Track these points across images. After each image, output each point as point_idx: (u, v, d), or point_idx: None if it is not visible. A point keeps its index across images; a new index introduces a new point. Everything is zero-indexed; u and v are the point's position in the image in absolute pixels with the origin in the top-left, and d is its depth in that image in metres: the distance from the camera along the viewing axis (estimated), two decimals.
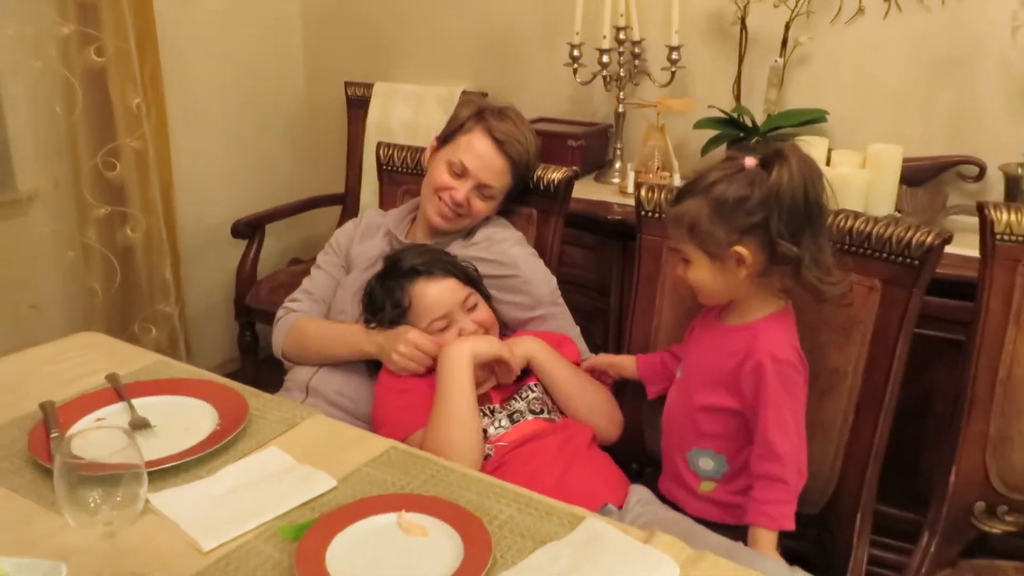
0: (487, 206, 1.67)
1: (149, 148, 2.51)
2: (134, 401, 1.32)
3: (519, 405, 1.45)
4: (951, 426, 1.48)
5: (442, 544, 1.01)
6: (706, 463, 1.33)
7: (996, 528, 1.45)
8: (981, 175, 2.05)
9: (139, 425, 1.26)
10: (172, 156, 2.67)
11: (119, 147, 2.46)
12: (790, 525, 1.23)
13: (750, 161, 1.22)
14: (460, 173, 1.63)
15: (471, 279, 1.55)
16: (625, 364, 1.54)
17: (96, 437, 0.92)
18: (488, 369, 1.46)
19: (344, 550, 0.99)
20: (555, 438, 1.39)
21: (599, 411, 1.50)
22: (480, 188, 1.64)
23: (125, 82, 2.43)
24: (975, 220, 1.85)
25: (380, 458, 1.20)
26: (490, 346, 1.43)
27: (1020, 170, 1.91)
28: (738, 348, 1.28)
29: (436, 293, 1.49)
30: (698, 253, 1.26)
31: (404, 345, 1.47)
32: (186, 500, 1.09)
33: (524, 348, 1.48)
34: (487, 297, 1.57)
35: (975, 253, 1.52)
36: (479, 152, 1.63)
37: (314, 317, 1.69)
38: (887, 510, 1.68)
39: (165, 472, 1.15)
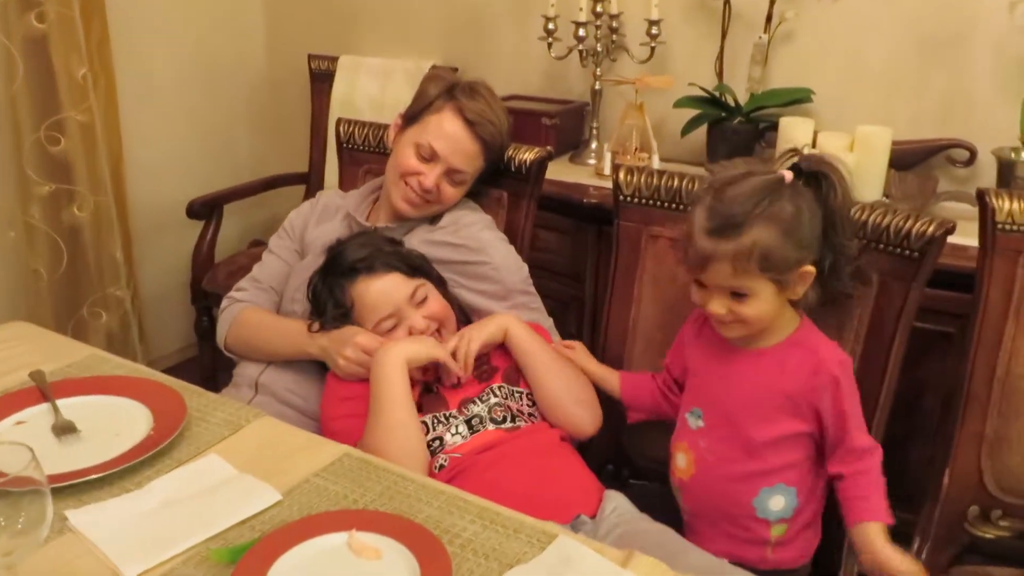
0: (457, 191, 1.56)
1: (96, 121, 2.36)
2: (60, 402, 1.19)
3: (478, 409, 1.32)
4: (944, 425, 1.41)
5: (397, 568, 0.90)
6: (777, 502, 1.20)
7: (989, 533, 1.39)
8: (972, 159, 1.97)
9: (64, 429, 1.14)
10: (122, 130, 2.51)
11: (64, 120, 2.31)
12: (891, 519, 1.16)
13: (789, 175, 1.14)
14: (429, 157, 1.51)
15: (417, 269, 1.42)
16: (606, 379, 1.42)
17: None
18: (431, 373, 1.35)
19: None
20: (517, 444, 1.28)
21: (577, 397, 1.36)
22: (450, 173, 1.52)
23: (69, 51, 2.28)
24: (966, 207, 1.80)
25: (331, 467, 1.09)
26: (425, 348, 1.31)
27: (1014, 155, 1.83)
28: (797, 368, 1.18)
29: (379, 291, 1.38)
30: (765, 285, 1.13)
31: (351, 350, 1.35)
32: (110, 518, 0.97)
33: (499, 322, 1.37)
34: (440, 282, 1.45)
35: (967, 241, 1.44)
36: (449, 134, 1.51)
37: (260, 308, 1.57)
38: None
39: (89, 485, 1.03)
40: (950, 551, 1.40)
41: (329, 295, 1.40)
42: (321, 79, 2.79)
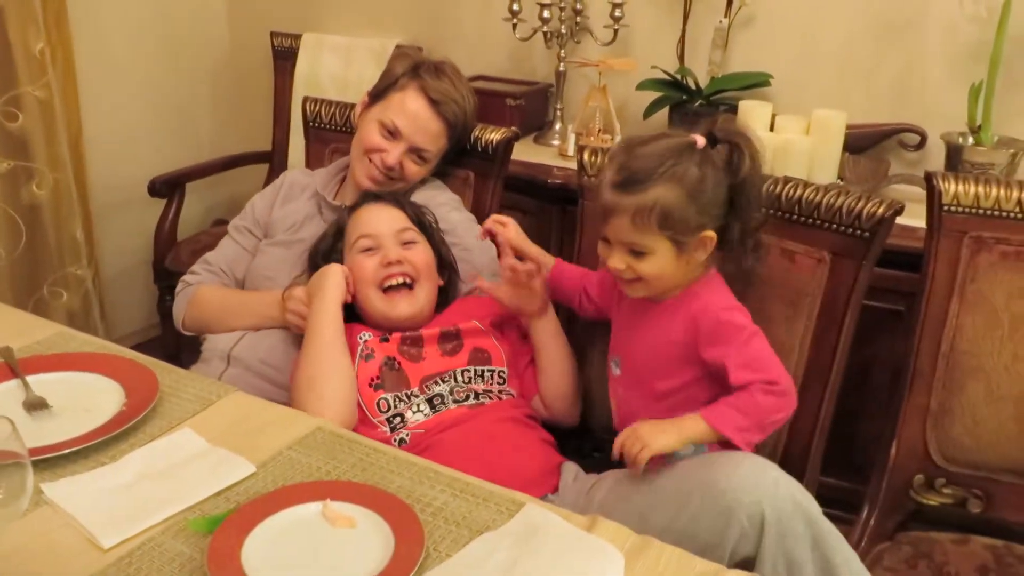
0: (421, 169, 1.58)
1: (55, 98, 2.33)
2: (30, 378, 1.20)
3: (440, 389, 1.34)
4: (892, 399, 1.47)
5: (370, 536, 0.93)
6: (686, 447, 1.21)
7: (933, 500, 1.45)
8: (922, 143, 2.04)
9: (35, 405, 1.15)
10: (81, 107, 2.48)
11: (21, 96, 2.27)
12: (729, 432, 1.14)
13: (700, 140, 1.16)
14: (392, 135, 1.53)
15: (423, 225, 1.46)
16: (544, 263, 1.43)
17: None
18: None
19: (262, 545, 0.91)
20: (481, 421, 1.30)
21: (572, 373, 1.42)
22: (413, 151, 1.54)
23: (26, 24, 2.24)
24: (916, 189, 1.86)
25: (305, 440, 1.12)
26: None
27: (961, 140, 1.89)
28: (684, 318, 1.21)
29: (373, 212, 1.43)
30: (663, 243, 1.15)
31: (292, 301, 1.40)
32: (85, 491, 0.99)
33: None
34: (441, 253, 1.47)
35: (916, 223, 1.50)
36: (413, 113, 1.53)
37: (214, 285, 1.59)
38: (824, 479, 1.67)
39: (63, 459, 1.04)
40: (896, 518, 1.46)
41: (333, 227, 1.46)
42: (284, 57, 2.77)
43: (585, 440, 1.54)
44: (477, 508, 0.99)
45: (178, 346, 2.57)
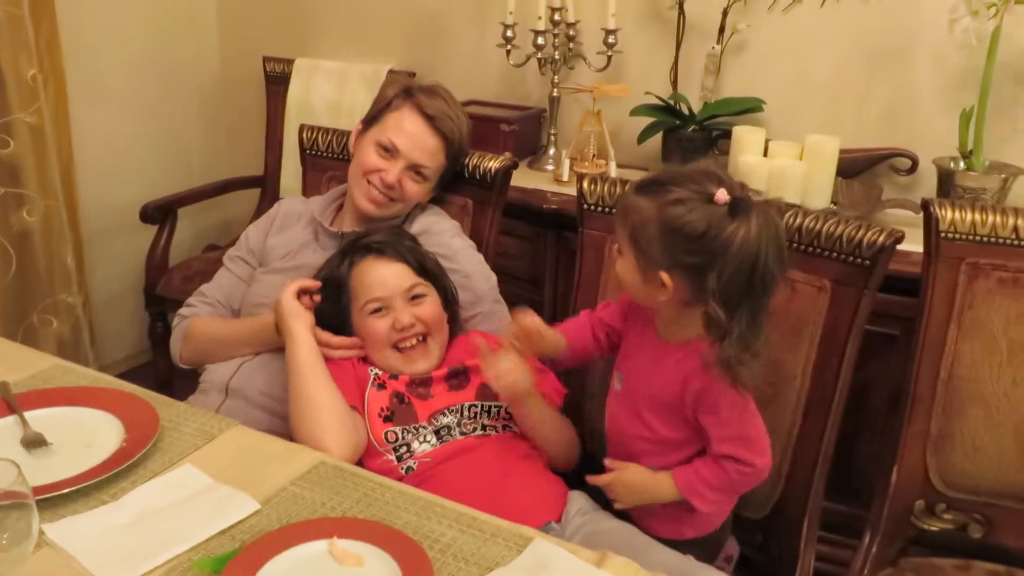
0: (420, 189, 1.57)
1: (46, 124, 2.32)
2: (28, 414, 1.18)
3: (448, 420, 1.33)
4: (891, 424, 1.48)
5: (378, 574, 0.92)
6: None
7: (935, 526, 1.45)
8: (914, 168, 2.06)
9: (33, 442, 1.13)
10: (73, 133, 2.47)
11: (12, 122, 2.26)
12: (697, 502, 1.18)
13: (722, 195, 1.09)
14: (390, 153, 1.53)
15: (427, 271, 1.43)
16: (557, 342, 1.34)
17: None
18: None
19: None
20: (486, 450, 1.30)
21: (568, 445, 1.41)
22: (412, 168, 1.54)
23: (18, 51, 2.23)
24: (909, 214, 1.88)
25: (308, 475, 1.11)
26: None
27: (953, 164, 1.92)
28: (678, 371, 1.18)
29: (379, 273, 1.38)
30: (630, 253, 1.16)
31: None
32: (87, 530, 0.97)
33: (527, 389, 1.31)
34: (448, 297, 1.45)
35: (910, 248, 1.51)
36: (409, 130, 1.53)
37: (208, 316, 1.58)
38: (823, 504, 1.67)
39: (63, 498, 1.02)
40: (898, 544, 1.47)
41: (333, 270, 1.42)
42: (276, 82, 2.77)
43: (588, 467, 1.53)
44: (485, 544, 0.99)
45: (170, 373, 2.55)
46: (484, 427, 1.34)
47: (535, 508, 1.24)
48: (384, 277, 1.38)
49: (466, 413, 1.35)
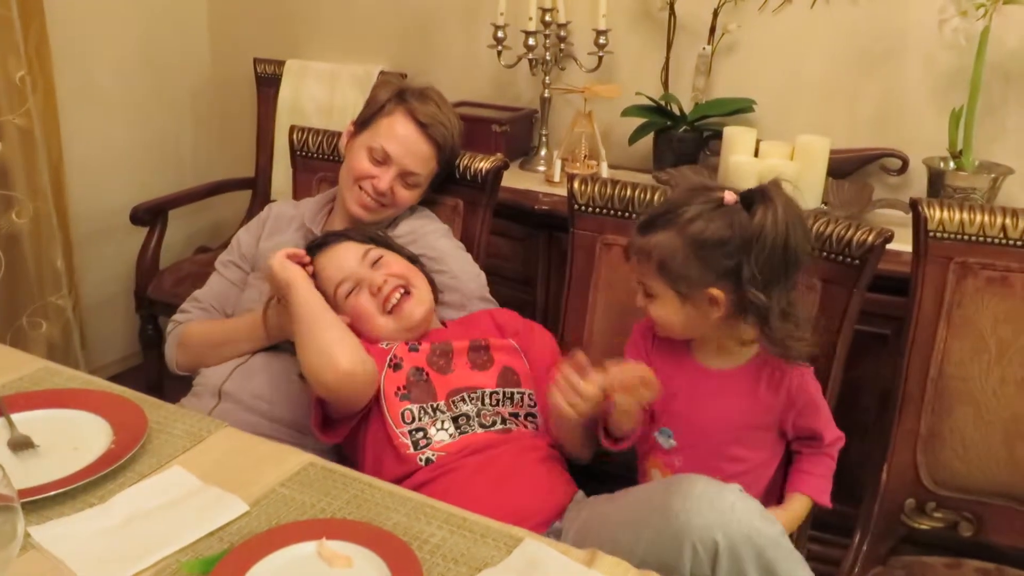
0: (411, 194, 1.57)
1: (35, 126, 2.31)
2: (15, 416, 1.17)
3: (467, 408, 1.32)
4: (881, 423, 1.48)
5: (368, 575, 0.92)
6: None
7: (925, 524, 1.46)
8: (904, 168, 2.06)
9: (20, 445, 1.12)
10: (62, 135, 2.45)
11: (1, 124, 2.25)
12: (828, 502, 1.24)
13: (730, 196, 1.13)
14: (382, 160, 1.52)
15: (373, 239, 1.45)
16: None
17: None
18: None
19: None
20: (505, 450, 1.28)
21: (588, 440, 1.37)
22: (404, 176, 1.54)
23: (7, 53, 2.22)
24: (900, 213, 1.89)
25: (297, 476, 1.10)
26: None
27: (943, 164, 1.92)
28: (768, 387, 1.21)
29: (330, 261, 1.41)
30: (666, 291, 1.15)
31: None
32: (75, 533, 0.96)
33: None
34: (408, 256, 1.47)
35: (900, 247, 1.51)
36: (402, 137, 1.53)
37: (202, 320, 1.58)
38: None
39: (50, 501, 1.01)
40: (888, 542, 1.47)
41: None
42: (267, 83, 2.76)
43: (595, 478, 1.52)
44: (475, 544, 0.98)
45: (160, 375, 2.54)
46: (504, 420, 1.33)
47: (545, 511, 1.24)
48: (337, 260, 1.41)
49: (487, 401, 1.34)
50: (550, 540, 1.01)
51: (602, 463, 1.48)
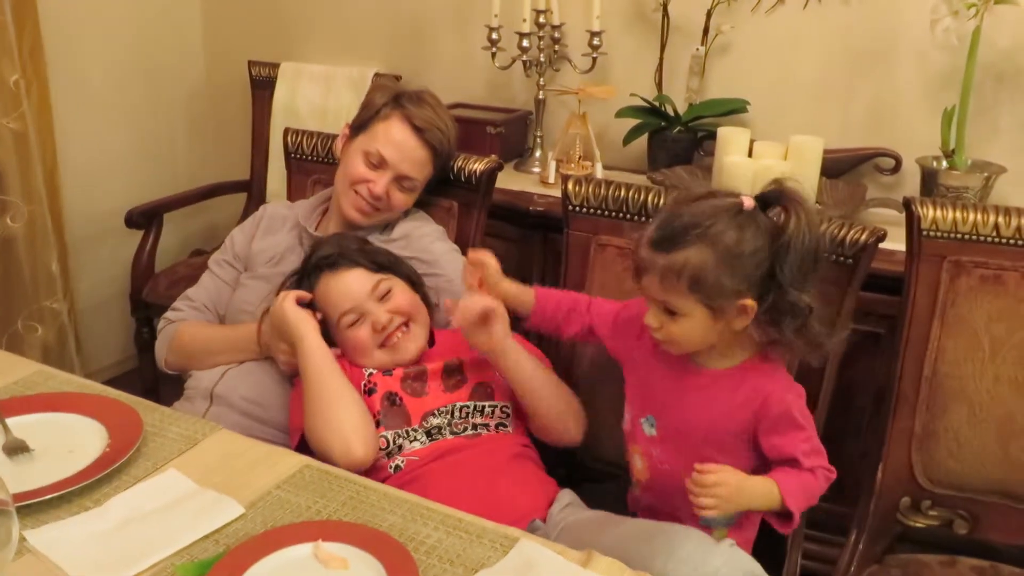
0: (407, 198, 1.57)
1: (30, 129, 2.31)
2: (9, 420, 1.17)
3: (438, 421, 1.33)
4: (876, 422, 1.48)
5: None
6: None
7: (920, 523, 1.46)
8: (897, 168, 2.07)
9: (15, 448, 1.12)
10: (57, 139, 2.45)
11: None
12: (794, 516, 1.14)
13: (749, 202, 1.11)
14: (378, 164, 1.53)
15: (383, 266, 1.42)
16: (520, 297, 1.35)
17: None
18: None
19: None
20: (475, 451, 1.29)
21: (569, 411, 1.37)
22: (400, 180, 1.54)
23: (0, 56, 2.22)
24: (893, 213, 1.89)
25: (292, 478, 1.10)
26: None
27: (936, 164, 1.93)
28: (748, 397, 1.17)
29: (340, 286, 1.38)
30: (696, 307, 1.11)
31: (281, 355, 1.39)
32: (70, 537, 0.97)
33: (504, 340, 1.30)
34: (414, 281, 1.46)
35: (893, 246, 1.52)
36: (398, 142, 1.53)
37: (196, 322, 1.57)
38: None
39: (46, 504, 1.01)
40: (884, 541, 1.47)
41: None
42: (262, 86, 2.76)
43: (574, 471, 1.53)
44: (471, 545, 0.99)
45: (156, 379, 2.54)
46: (475, 427, 1.34)
47: (521, 507, 1.24)
48: (346, 288, 1.38)
49: (457, 414, 1.34)
50: (545, 540, 1.01)
51: (593, 460, 1.49)
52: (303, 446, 1.30)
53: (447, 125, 1.57)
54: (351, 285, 1.38)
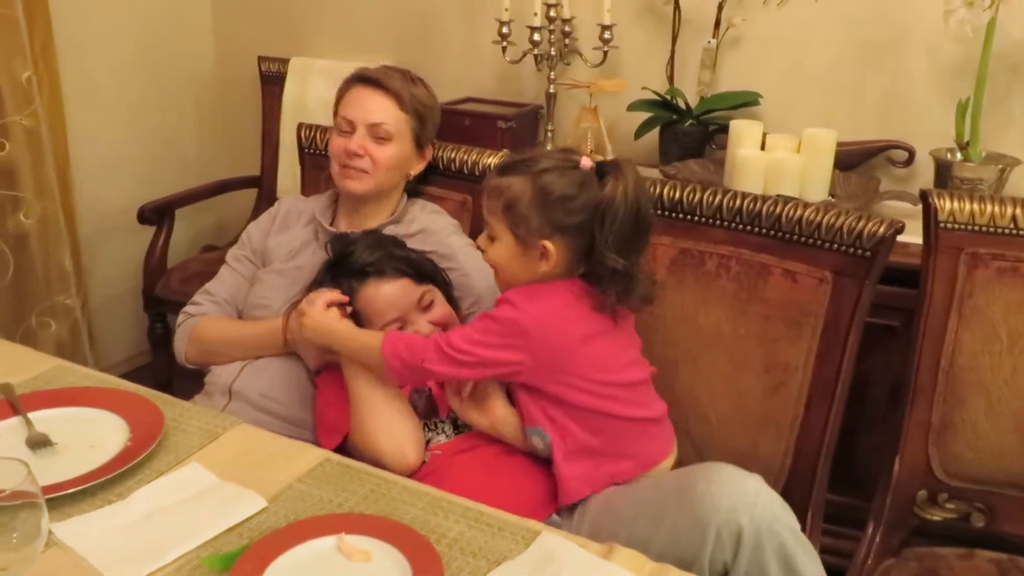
0: (390, 151, 1.55)
1: (42, 126, 2.31)
2: (32, 414, 1.18)
3: None
4: (893, 415, 1.48)
5: (388, 570, 0.92)
6: (538, 442, 1.24)
7: (937, 516, 1.46)
8: (910, 160, 2.06)
9: (38, 443, 1.13)
10: (68, 135, 2.46)
11: (8, 125, 2.25)
12: (388, 363, 1.21)
13: (587, 162, 1.19)
14: (349, 129, 1.55)
15: (426, 275, 1.42)
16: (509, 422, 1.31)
17: None
18: None
19: None
20: (497, 446, 1.29)
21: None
22: (372, 131, 1.54)
23: (13, 54, 2.22)
24: (907, 205, 1.89)
25: (314, 472, 1.11)
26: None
27: (949, 155, 1.92)
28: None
29: (388, 296, 1.37)
30: (507, 233, 1.21)
31: (314, 350, 1.39)
32: (95, 530, 0.97)
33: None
34: (446, 285, 1.47)
35: (908, 239, 1.51)
36: (357, 99, 1.57)
37: (217, 317, 1.58)
38: (826, 496, 1.68)
39: (69, 498, 1.02)
40: (901, 534, 1.47)
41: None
42: (272, 81, 2.76)
43: None
44: (493, 538, 0.99)
45: (169, 374, 2.55)
46: None
47: (542, 505, 1.24)
48: (393, 298, 1.37)
49: None
50: (567, 533, 1.01)
51: None
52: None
53: (406, 74, 1.61)
54: (396, 295, 1.37)
